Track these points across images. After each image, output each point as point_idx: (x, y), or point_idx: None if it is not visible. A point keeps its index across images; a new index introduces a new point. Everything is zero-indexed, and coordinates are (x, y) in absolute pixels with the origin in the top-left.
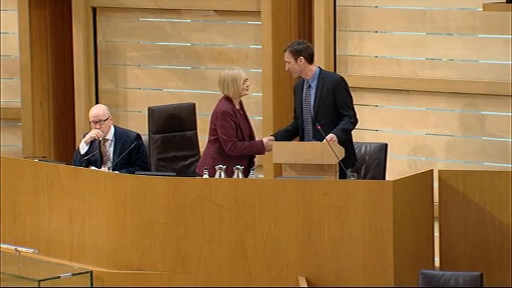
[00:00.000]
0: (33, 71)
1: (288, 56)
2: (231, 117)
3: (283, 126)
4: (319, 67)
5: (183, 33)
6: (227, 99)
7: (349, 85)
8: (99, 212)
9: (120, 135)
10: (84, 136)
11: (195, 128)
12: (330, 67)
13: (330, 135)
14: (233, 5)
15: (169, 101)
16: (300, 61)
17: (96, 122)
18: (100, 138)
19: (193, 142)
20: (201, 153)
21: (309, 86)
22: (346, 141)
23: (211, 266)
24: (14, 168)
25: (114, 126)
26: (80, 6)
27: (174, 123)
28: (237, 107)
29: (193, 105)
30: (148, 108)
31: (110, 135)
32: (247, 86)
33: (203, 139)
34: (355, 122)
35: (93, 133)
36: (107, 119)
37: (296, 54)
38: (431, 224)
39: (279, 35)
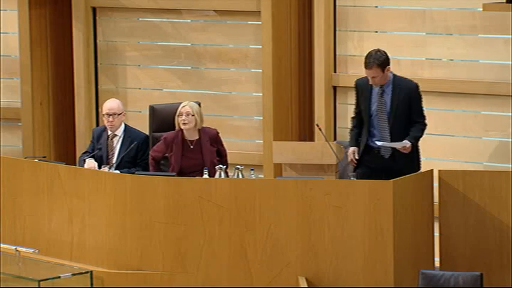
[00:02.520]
0: (33, 71)
1: (376, 71)
2: (163, 143)
3: (283, 126)
4: (391, 72)
5: (183, 33)
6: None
7: (349, 85)
8: (99, 212)
9: (130, 134)
10: (93, 133)
11: None
12: (330, 67)
13: (407, 144)
14: (233, 5)
15: (169, 101)
16: (388, 70)
17: (110, 115)
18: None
19: None
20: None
21: (383, 92)
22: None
23: (211, 266)
24: (14, 168)
25: (125, 124)
26: (80, 6)
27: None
28: (190, 138)
29: (198, 104)
30: (150, 106)
31: (120, 131)
32: (183, 120)
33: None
34: (425, 128)
35: (89, 165)
36: (120, 114)
37: (383, 66)
38: (431, 224)
39: (279, 35)
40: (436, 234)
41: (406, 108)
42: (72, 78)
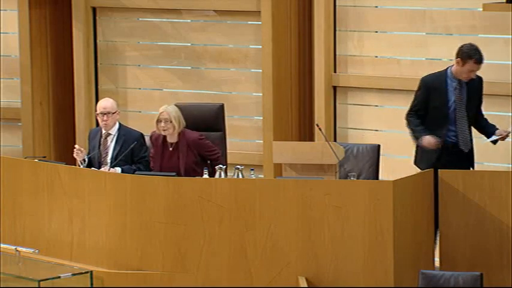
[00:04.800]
0: (33, 71)
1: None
2: (149, 141)
3: (283, 126)
4: None
5: (183, 33)
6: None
7: (349, 85)
8: (99, 212)
9: (124, 133)
10: (90, 134)
11: (222, 129)
12: (330, 67)
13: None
14: (233, 5)
15: (169, 101)
16: None
17: (104, 114)
18: (83, 159)
19: (218, 144)
20: (227, 154)
21: (461, 86)
22: None
23: (211, 266)
24: (14, 168)
25: (119, 122)
26: (80, 6)
27: (196, 123)
28: (170, 140)
29: (222, 105)
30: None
31: (114, 130)
32: (162, 127)
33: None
34: None
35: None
36: (114, 112)
37: None
38: (431, 224)
39: (279, 35)
40: None
41: (477, 101)
42: (72, 78)
